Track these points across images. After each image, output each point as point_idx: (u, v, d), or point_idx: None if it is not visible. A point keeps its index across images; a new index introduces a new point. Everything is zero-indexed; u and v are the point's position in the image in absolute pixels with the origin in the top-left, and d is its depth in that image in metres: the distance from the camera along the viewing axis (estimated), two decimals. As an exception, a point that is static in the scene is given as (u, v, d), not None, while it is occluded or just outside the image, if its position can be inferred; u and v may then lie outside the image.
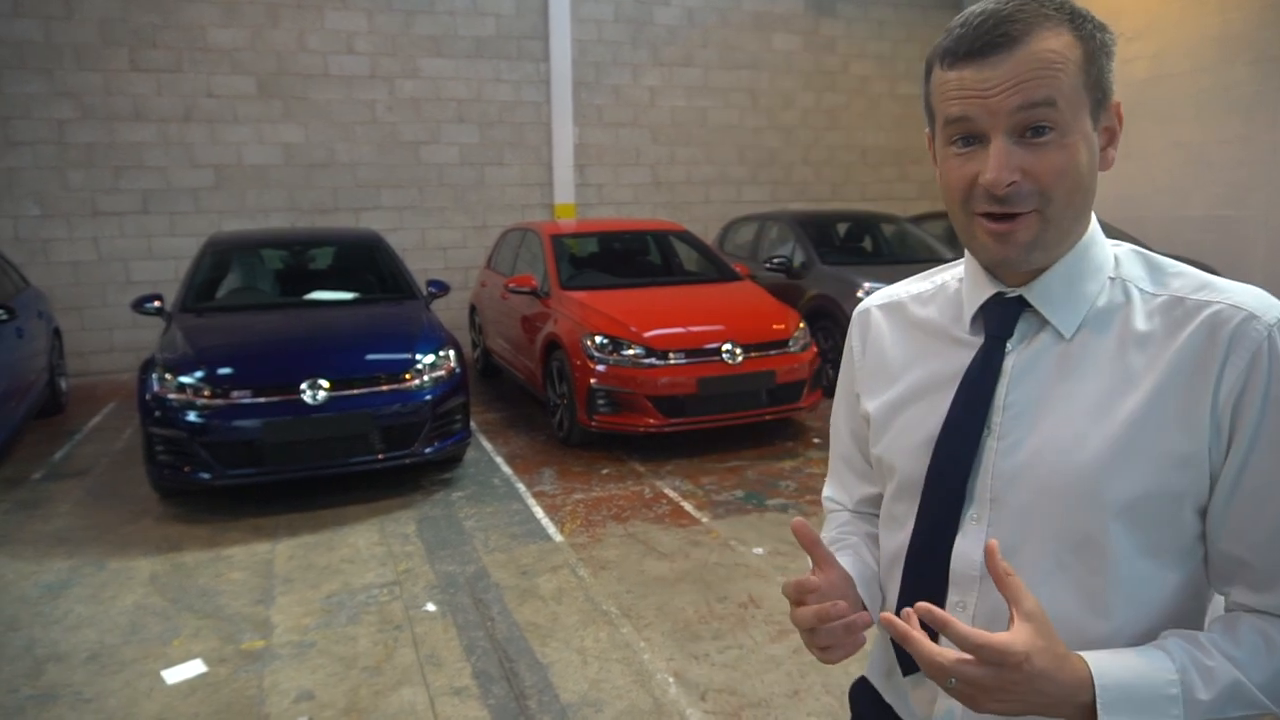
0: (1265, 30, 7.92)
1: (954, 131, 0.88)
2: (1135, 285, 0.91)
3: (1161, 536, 0.87)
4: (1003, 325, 0.94)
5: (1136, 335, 0.88)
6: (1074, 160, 0.85)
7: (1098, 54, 0.86)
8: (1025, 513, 0.90)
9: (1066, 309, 0.91)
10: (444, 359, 5.04)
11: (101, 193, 8.24)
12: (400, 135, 9.17)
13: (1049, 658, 0.77)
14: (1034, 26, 0.83)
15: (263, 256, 6.38)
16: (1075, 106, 0.84)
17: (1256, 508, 0.83)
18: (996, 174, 0.84)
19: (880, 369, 1.07)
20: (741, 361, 5.49)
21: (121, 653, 3.26)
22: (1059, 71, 0.83)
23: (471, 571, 3.94)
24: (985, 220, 0.87)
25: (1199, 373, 0.83)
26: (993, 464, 0.92)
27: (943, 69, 0.88)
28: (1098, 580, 0.87)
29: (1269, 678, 0.81)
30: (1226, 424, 0.83)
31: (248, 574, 3.94)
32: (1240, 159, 8.22)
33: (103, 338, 8.45)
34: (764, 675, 3.04)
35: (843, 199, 11.19)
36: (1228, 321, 0.83)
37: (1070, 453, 0.87)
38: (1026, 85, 0.82)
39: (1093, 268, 0.92)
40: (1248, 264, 8.12)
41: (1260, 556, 0.84)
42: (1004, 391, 0.92)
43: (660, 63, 10.14)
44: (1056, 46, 0.83)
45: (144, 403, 4.55)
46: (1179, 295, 0.88)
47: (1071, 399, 0.89)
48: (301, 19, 8.66)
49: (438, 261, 9.43)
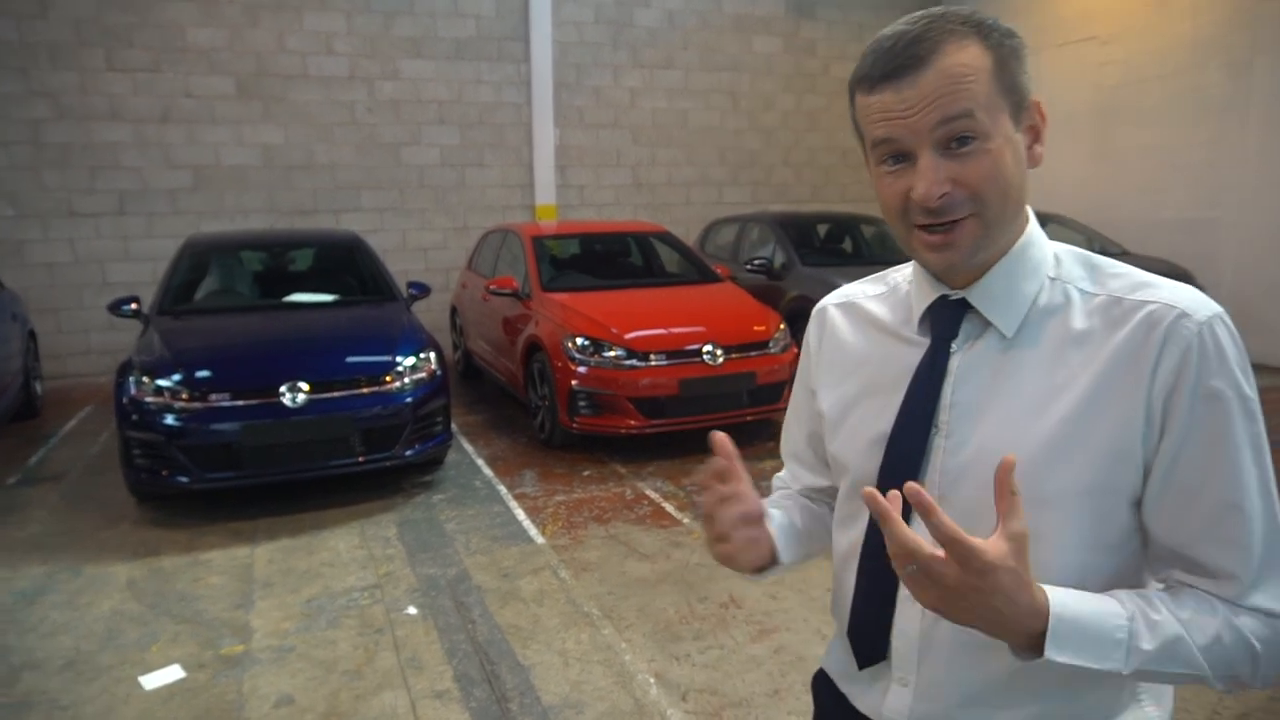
0: (1234, 34, 8.04)
1: (883, 152, 0.91)
2: (1075, 285, 0.94)
3: (1099, 530, 0.89)
4: (947, 327, 0.97)
5: (1075, 334, 0.91)
6: (1000, 164, 0.88)
7: (1008, 60, 0.89)
8: (971, 509, 0.91)
9: (1007, 309, 0.94)
10: (425, 361, 5.03)
11: (78, 193, 8.16)
12: (380, 136, 9.14)
13: (1012, 577, 0.79)
14: (941, 43, 0.86)
15: (241, 258, 6.34)
16: (993, 112, 0.87)
17: (1189, 500, 0.86)
18: (927, 189, 0.87)
19: (835, 366, 1.11)
20: (722, 363, 5.51)
21: (98, 659, 3.23)
22: (971, 83, 0.86)
23: (453, 574, 3.94)
24: (923, 233, 0.91)
25: (1134, 369, 0.86)
26: (940, 462, 0.95)
27: (863, 94, 0.91)
28: (1038, 572, 0.89)
29: (1209, 641, 0.83)
30: (1159, 418, 0.85)
31: (227, 578, 3.92)
32: (1212, 161, 8.34)
33: (79, 340, 8.36)
34: (745, 675, 3.06)
35: (823, 200, 11.26)
36: (1162, 320, 0.86)
37: (1010, 449, 0.89)
38: (942, 101, 0.85)
39: (1030, 268, 0.95)
40: (1220, 264, 8.25)
41: (1193, 548, 0.87)
42: (950, 391, 0.95)
43: (641, 64, 10.16)
44: (965, 59, 0.86)
45: (121, 406, 4.51)
46: (1117, 295, 0.91)
47: (1013, 397, 0.92)
48: (280, 19, 8.61)
49: (418, 263, 9.40)
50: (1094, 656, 0.82)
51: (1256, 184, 7.98)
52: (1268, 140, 7.85)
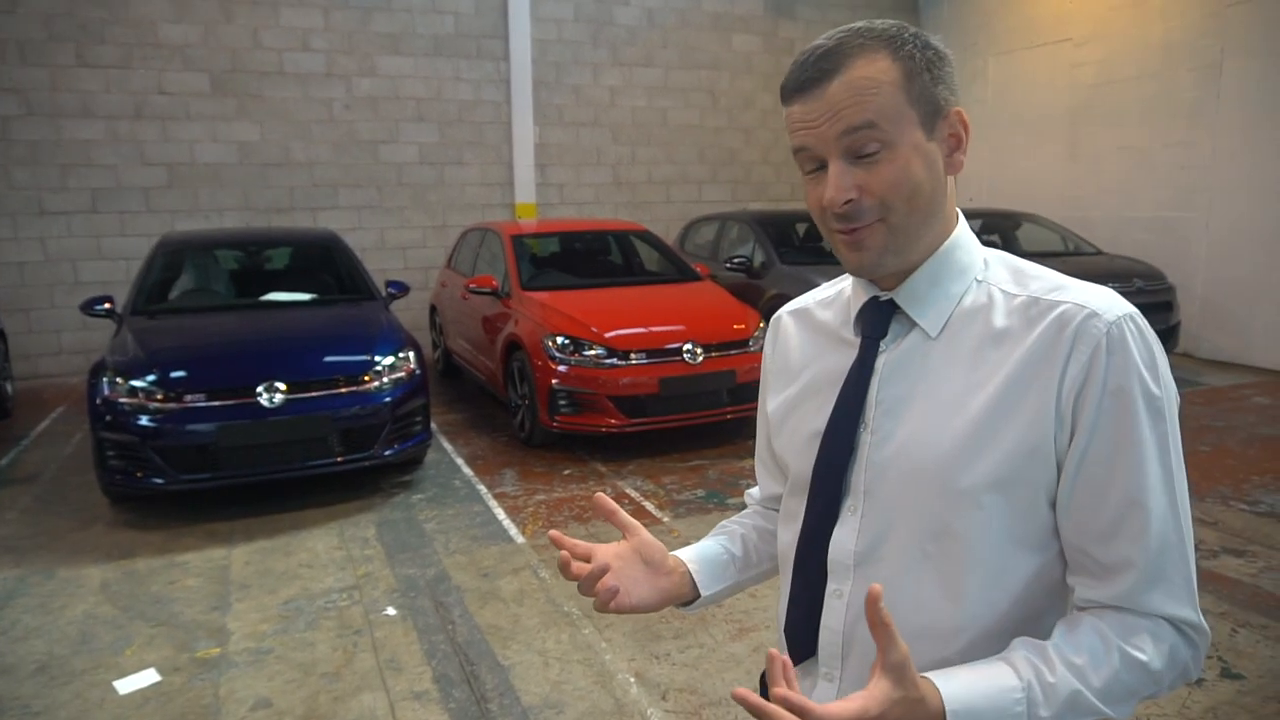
0: (1205, 39, 8.16)
1: (802, 160, 0.95)
2: (999, 287, 0.97)
3: (1017, 526, 0.91)
4: (876, 326, 1.01)
5: (995, 333, 0.93)
6: (905, 172, 0.90)
7: (918, 71, 0.91)
8: (892, 503, 0.95)
9: (931, 309, 0.97)
10: (403, 360, 5.00)
11: (48, 191, 8.03)
12: (358, 134, 9.07)
13: (905, 707, 0.80)
14: (849, 57, 0.90)
15: (217, 257, 6.28)
16: (899, 122, 0.90)
17: (1096, 497, 0.88)
18: (833, 194, 0.91)
19: (783, 370, 1.15)
20: (702, 361, 5.53)
21: (71, 663, 3.19)
22: (874, 95, 0.89)
23: (432, 574, 3.92)
24: (839, 234, 0.95)
25: (1046, 367, 0.89)
26: (866, 457, 0.98)
27: (784, 105, 0.96)
28: (956, 568, 0.92)
29: (1106, 681, 0.85)
30: (1069, 416, 0.88)
31: (203, 580, 3.88)
32: (1183, 162, 8.46)
33: (50, 340, 8.24)
34: (724, 674, 3.08)
35: (802, 199, 11.21)
36: (1073, 319, 0.89)
37: (930, 445, 0.93)
38: (845, 113, 0.89)
39: (957, 270, 0.98)
40: (1191, 263, 8.37)
41: (1099, 546, 0.88)
42: (876, 388, 0.98)
43: (620, 63, 10.15)
44: (870, 73, 0.89)
45: (94, 407, 4.46)
46: (1035, 295, 0.94)
47: (934, 394, 0.95)
48: (255, 15, 8.52)
49: (397, 261, 9.35)
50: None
51: (1226, 185, 8.11)
52: (1237, 142, 7.97)
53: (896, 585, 0.93)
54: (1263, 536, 4.16)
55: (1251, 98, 7.83)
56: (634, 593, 1.07)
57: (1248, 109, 7.87)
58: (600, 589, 1.04)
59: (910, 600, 0.94)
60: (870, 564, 0.98)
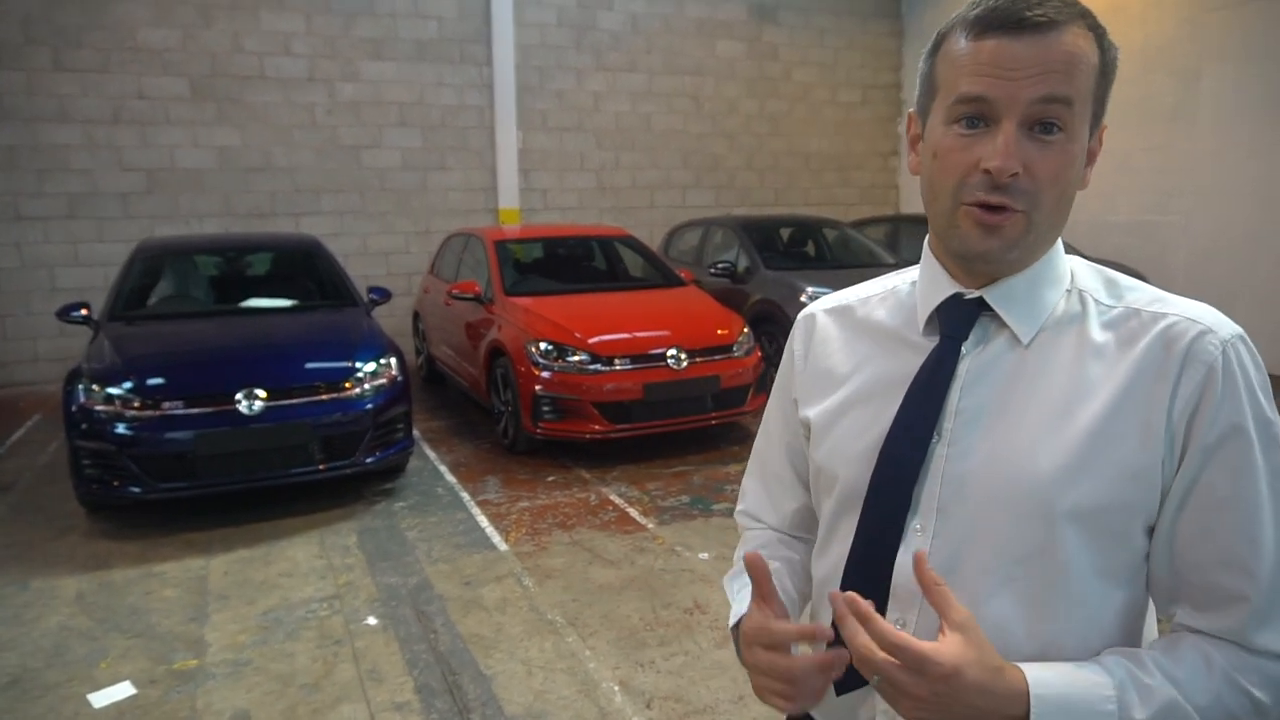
0: (1182, 45, 8.25)
1: (963, 110, 0.83)
2: (1092, 296, 0.90)
3: (1111, 553, 0.85)
4: (959, 326, 0.91)
5: (1093, 345, 0.86)
6: (1069, 166, 0.83)
7: (1110, 69, 0.85)
8: (972, 523, 0.87)
9: (1026, 314, 0.89)
10: (385, 367, 4.96)
11: (24, 197, 7.93)
12: (340, 139, 9.01)
13: (980, 670, 0.75)
14: (1070, 19, 0.81)
15: (196, 263, 6.20)
16: (1083, 113, 0.83)
17: (1206, 529, 0.82)
18: (1004, 161, 0.80)
19: (824, 375, 1.04)
20: (686, 367, 5.51)
21: (45, 677, 3.13)
22: (1082, 72, 0.81)
23: (414, 583, 3.88)
24: (976, 209, 0.84)
25: (1155, 385, 0.82)
26: (941, 471, 0.89)
27: (967, 39, 0.83)
28: (1044, 595, 0.85)
29: (1209, 701, 0.79)
30: (1180, 439, 0.81)
31: (180, 591, 3.82)
32: (1162, 166, 8.54)
33: (26, 347, 8.13)
34: (709, 681, 3.05)
35: (786, 204, 11.32)
36: (1183, 335, 0.82)
37: (1024, 462, 0.84)
38: (1053, 76, 0.79)
39: (1054, 277, 0.91)
40: (1170, 267, 8.44)
41: (1204, 577, 0.83)
42: (957, 396, 0.89)
43: (604, 68, 10.15)
44: (1085, 47, 0.81)
45: (70, 415, 4.39)
46: (1134, 307, 0.87)
47: (1026, 407, 0.86)
48: (236, 19, 8.46)
49: (380, 267, 9.29)
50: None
51: (1204, 189, 8.19)
52: (1216, 146, 8.05)
53: (975, 613, 0.85)
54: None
55: (1230, 103, 7.91)
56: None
57: (1226, 114, 7.95)
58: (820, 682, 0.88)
59: (994, 630, 0.84)
60: None
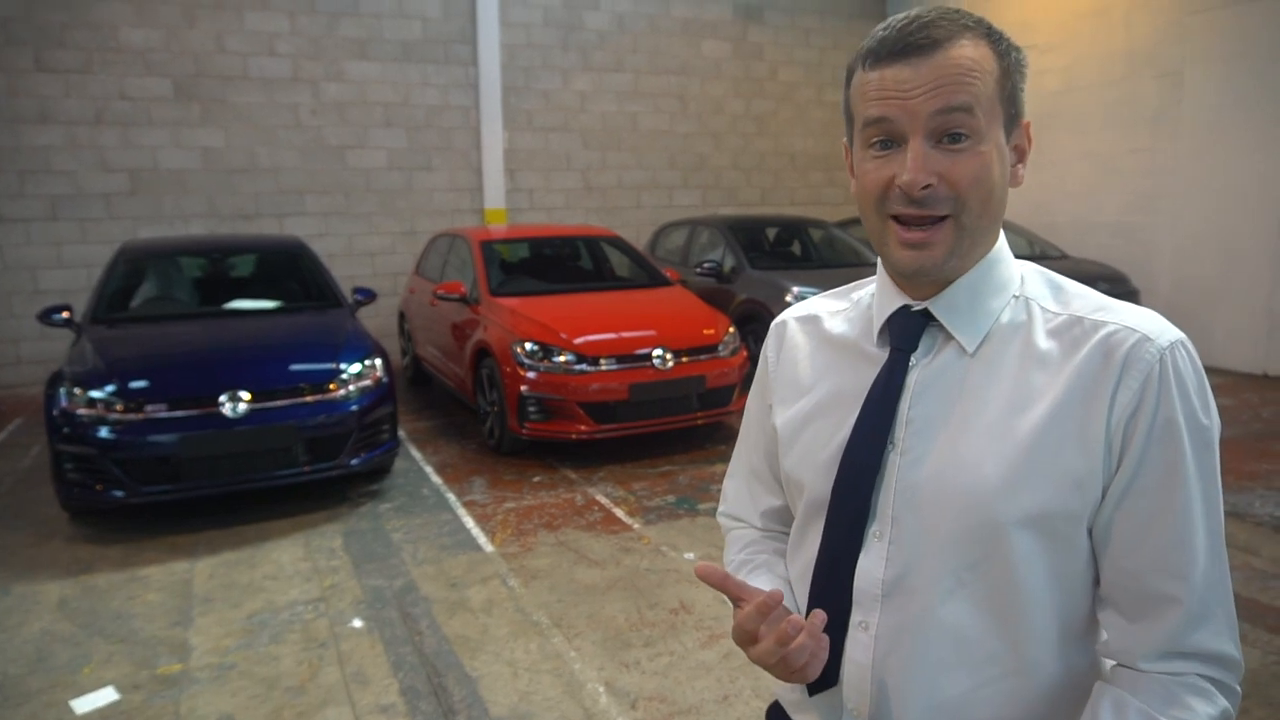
0: (1166, 47, 8.32)
1: (873, 134, 0.88)
2: (1038, 303, 0.92)
3: (1064, 559, 0.87)
4: (907, 338, 0.94)
5: (1037, 353, 0.88)
6: (987, 168, 0.86)
7: (1012, 70, 0.88)
8: (926, 529, 0.89)
9: (970, 323, 0.91)
10: (370, 368, 4.95)
11: (5, 198, 7.87)
12: (325, 139, 8.98)
13: None
14: (955, 34, 0.85)
15: (180, 264, 6.16)
16: (990, 117, 0.86)
17: (1140, 531, 0.84)
18: (914, 175, 0.84)
19: (792, 382, 1.07)
20: (672, 367, 5.52)
21: (26, 683, 3.11)
22: (977, 79, 0.84)
23: (399, 585, 3.87)
24: (900, 229, 0.87)
25: (1094, 392, 0.84)
26: (895, 479, 0.91)
27: (865, 70, 0.88)
28: (999, 600, 0.87)
29: None
30: (1118, 444, 0.83)
31: (164, 595, 3.80)
32: (1146, 168, 8.61)
33: (7, 350, 8.06)
34: (694, 681, 3.06)
35: (772, 204, 11.36)
36: (1123, 343, 0.84)
37: (970, 470, 0.87)
38: (945, 89, 0.83)
39: (998, 284, 0.92)
40: (1155, 268, 8.51)
41: (1138, 582, 0.84)
42: (907, 405, 0.92)
43: (590, 67, 10.15)
44: (976, 56, 0.85)
45: (51, 418, 4.35)
46: (1078, 315, 0.89)
47: (973, 416, 0.89)
48: (219, 19, 8.41)
49: (365, 268, 9.26)
50: None
51: (1187, 191, 8.26)
52: (1198, 148, 8.12)
53: (931, 616, 0.89)
54: (1227, 536, 4.21)
55: (1212, 105, 7.98)
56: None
57: (1209, 116, 8.02)
58: (817, 648, 0.91)
59: (950, 633, 0.88)
60: (900, 594, 0.91)
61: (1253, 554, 4.02)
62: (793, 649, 0.88)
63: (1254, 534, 4.25)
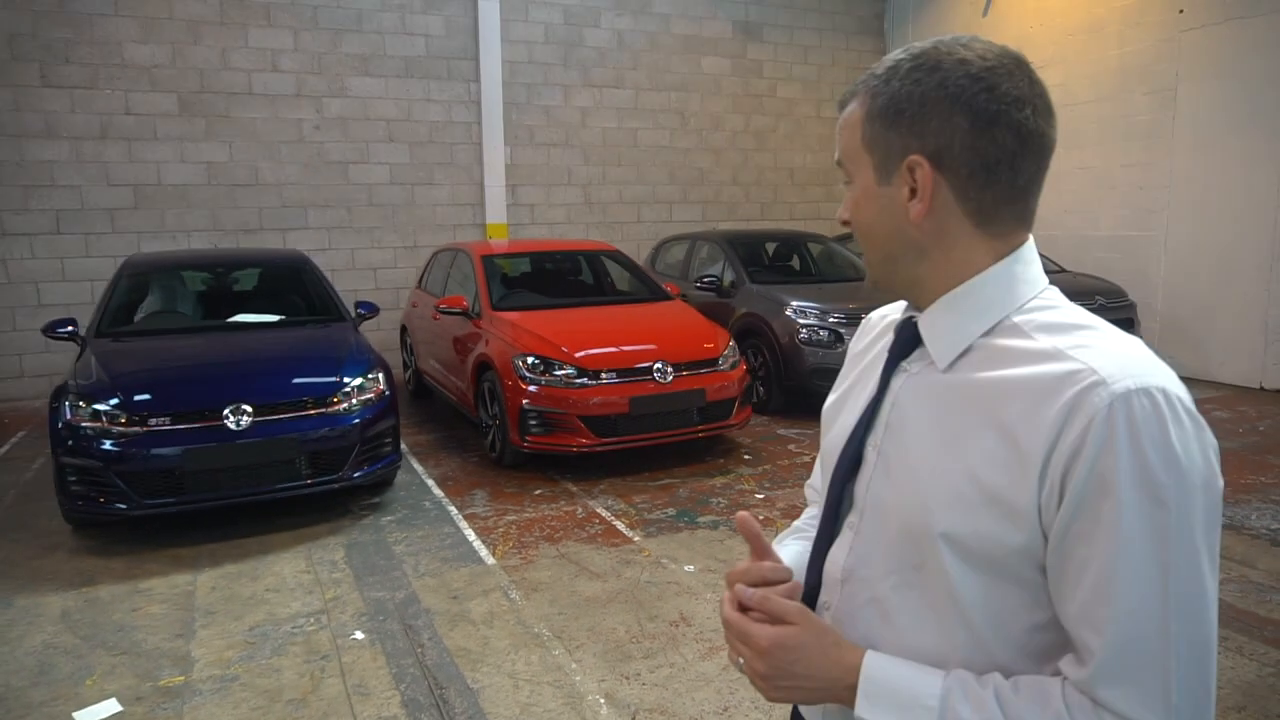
0: (1159, 64, 8.40)
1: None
2: (1029, 332, 0.90)
3: (1001, 584, 0.87)
4: (901, 346, 1.00)
5: (1002, 379, 0.87)
6: (858, 210, 0.98)
7: (874, 117, 0.94)
8: (881, 527, 0.97)
9: (943, 341, 0.94)
10: (373, 381, 4.98)
11: (10, 212, 7.92)
12: (328, 154, 9.05)
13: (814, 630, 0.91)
14: (850, 95, 0.99)
15: (183, 278, 6.22)
16: (857, 164, 0.97)
17: (1072, 575, 0.82)
18: (840, 212, 1.03)
19: (845, 371, 1.17)
20: (672, 380, 5.55)
21: (29, 695, 3.13)
22: (846, 132, 0.99)
23: (401, 597, 3.89)
24: None
25: (1040, 429, 0.82)
26: (869, 477, 0.99)
27: None
28: (943, 606, 0.89)
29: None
30: (1057, 487, 0.81)
31: (167, 607, 3.82)
32: (1141, 183, 8.68)
33: (11, 363, 8.10)
34: (694, 693, 3.08)
35: (771, 219, 11.42)
36: (1077, 383, 0.81)
37: (913, 481, 0.92)
38: (836, 144, 1.01)
39: (980, 306, 0.93)
40: (1150, 280, 8.56)
41: (1071, 625, 0.83)
42: (888, 409, 0.99)
43: (591, 84, 10.23)
44: (849, 113, 0.98)
45: (56, 431, 4.39)
46: (1058, 347, 0.86)
47: (930, 428, 0.92)
48: (224, 36, 8.50)
49: (368, 282, 9.31)
50: (905, 717, 0.85)
51: (1182, 205, 8.32)
52: (1193, 163, 8.19)
53: (885, 604, 0.94)
54: (1224, 550, 4.24)
55: (1205, 120, 8.06)
56: None
57: (1202, 131, 8.09)
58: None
59: (905, 622, 0.93)
60: (854, 581, 0.98)
61: (1249, 566, 4.04)
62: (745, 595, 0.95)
63: (1250, 547, 4.28)
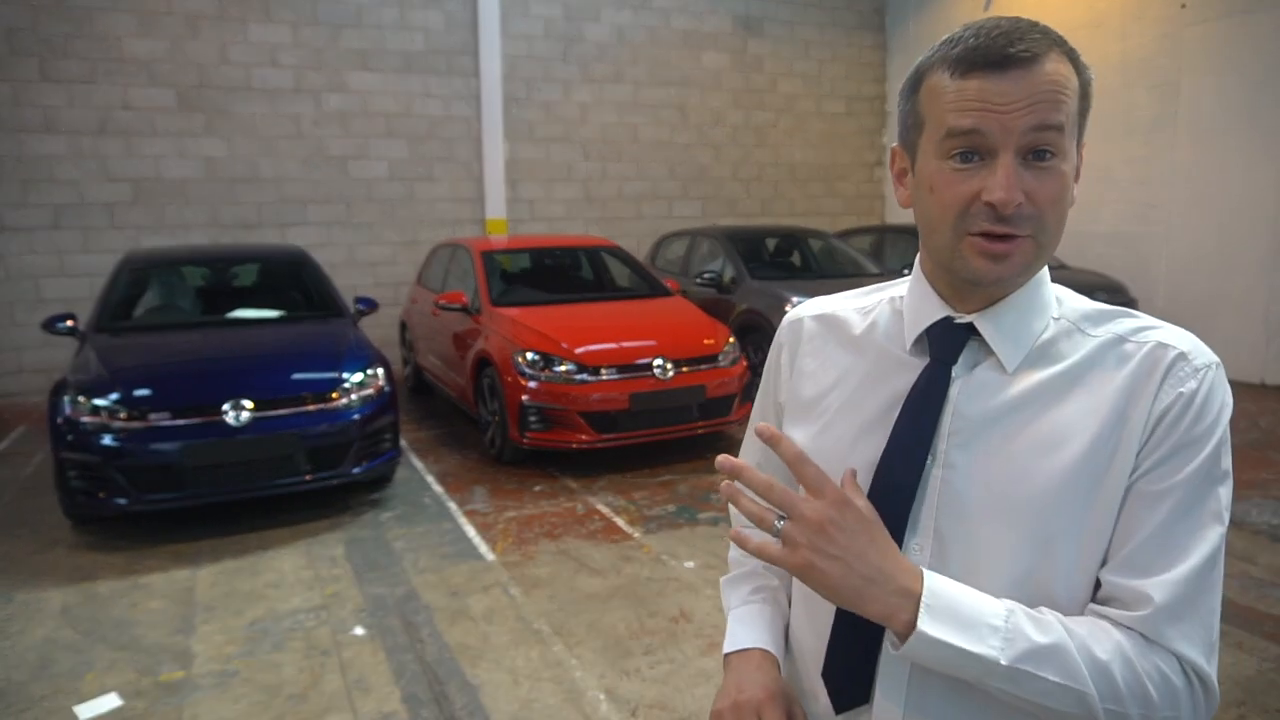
0: (1160, 58, 8.38)
1: (957, 145, 0.85)
2: (1077, 325, 0.92)
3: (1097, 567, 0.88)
4: (949, 350, 0.93)
5: (1078, 373, 0.88)
6: (1066, 188, 0.85)
7: (1087, 89, 0.88)
8: (969, 544, 0.89)
9: (1013, 342, 0.91)
10: (372, 377, 4.97)
11: (9, 207, 7.91)
12: (327, 150, 9.03)
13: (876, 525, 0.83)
14: (1046, 49, 0.83)
15: (183, 274, 6.21)
16: (1070, 136, 0.85)
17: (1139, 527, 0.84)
18: (1008, 194, 0.82)
19: (809, 381, 1.04)
20: (672, 377, 5.55)
21: (30, 690, 3.13)
22: (1067, 97, 0.83)
23: (401, 593, 3.89)
24: (982, 240, 0.85)
25: (1134, 410, 0.85)
26: (938, 492, 0.90)
27: (951, 78, 0.85)
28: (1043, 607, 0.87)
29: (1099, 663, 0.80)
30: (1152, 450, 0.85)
31: (167, 602, 3.82)
32: (1142, 178, 8.66)
33: (10, 359, 8.09)
34: (694, 689, 3.08)
35: (772, 214, 11.41)
36: (1162, 359, 0.86)
37: (1017, 487, 0.87)
38: (1042, 106, 0.81)
39: (1041, 304, 0.92)
40: (1151, 276, 8.55)
41: (1126, 576, 0.84)
42: (949, 419, 0.91)
43: (591, 79, 10.21)
44: (1066, 73, 0.84)
45: (55, 427, 4.38)
46: (1119, 334, 0.90)
47: (1017, 433, 0.88)
48: (223, 31, 8.48)
49: (367, 278, 9.30)
50: (970, 638, 0.79)
51: (1184, 201, 8.31)
52: (1194, 159, 8.17)
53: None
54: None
55: (1208, 115, 8.04)
56: None
57: (1204, 127, 8.08)
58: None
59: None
60: None
61: (1250, 562, 4.04)
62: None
63: (1251, 542, 4.28)
